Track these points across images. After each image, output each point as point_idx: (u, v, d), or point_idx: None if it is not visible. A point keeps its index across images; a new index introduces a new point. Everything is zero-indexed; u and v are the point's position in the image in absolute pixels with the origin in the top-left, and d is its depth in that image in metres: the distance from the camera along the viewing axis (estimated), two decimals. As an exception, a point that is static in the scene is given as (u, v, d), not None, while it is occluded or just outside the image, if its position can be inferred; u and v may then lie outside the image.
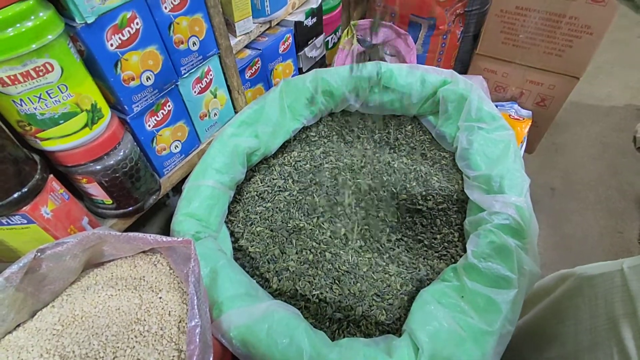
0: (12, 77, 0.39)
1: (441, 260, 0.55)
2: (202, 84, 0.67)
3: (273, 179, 0.69)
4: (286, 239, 0.59)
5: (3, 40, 0.37)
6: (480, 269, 0.44)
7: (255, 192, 0.67)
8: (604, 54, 1.84)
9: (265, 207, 0.64)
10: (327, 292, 0.52)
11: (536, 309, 0.50)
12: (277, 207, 0.64)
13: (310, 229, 0.60)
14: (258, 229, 0.61)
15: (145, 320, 0.39)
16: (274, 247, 0.58)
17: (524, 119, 1.10)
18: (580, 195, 1.20)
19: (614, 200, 1.17)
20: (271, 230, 0.60)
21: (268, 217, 0.63)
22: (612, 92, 1.57)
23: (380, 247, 0.58)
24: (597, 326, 0.40)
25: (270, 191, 0.67)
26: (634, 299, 0.36)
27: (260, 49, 0.78)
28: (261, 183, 0.69)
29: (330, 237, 0.58)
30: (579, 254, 1.05)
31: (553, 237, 1.09)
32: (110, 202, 0.55)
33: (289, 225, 0.61)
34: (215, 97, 0.71)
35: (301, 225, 0.60)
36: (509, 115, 1.10)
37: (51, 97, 0.43)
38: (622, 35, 1.95)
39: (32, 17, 0.39)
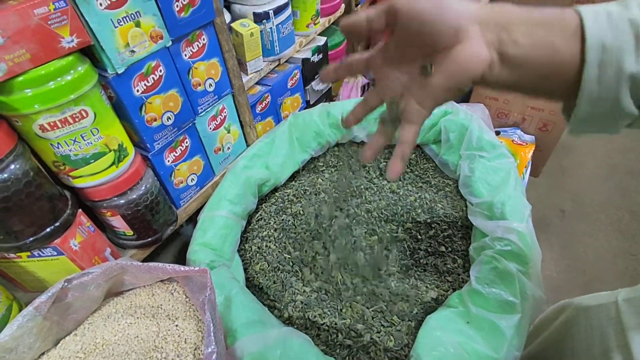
0: (51, 124, 0.44)
1: (447, 286, 0.56)
2: (217, 121, 0.71)
3: (279, 208, 0.71)
4: (291, 267, 0.61)
5: (46, 92, 0.42)
6: (484, 294, 0.45)
7: (263, 221, 0.70)
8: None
9: (272, 236, 0.66)
10: (336, 319, 0.53)
11: (539, 339, 0.50)
12: (283, 236, 0.66)
13: (314, 257, 0.61)
14: (262, 259, 0.63)
15: (162, 347, 0.40)
16: (281, 275, 0.60)
17: (527, 143, 1.12)
18: (590, 217, 1.18)
19: (625, 222, 1.16)
20: (278, 262, 0.62)
21: (273, 248, 0.65)
22: (615, 114, 1.58)
23: (387, 275, 0.59)
24: (593, 357, 0.40)
25: (276, 220, 0.69)
26: (625, 331, 0.36)
27: (270, 85, 0.83)
28: (266, 213, 0.71)
29: (334, 264, 0.60)
30: (592, 276, 1.03)
31: (565, 260, 1.08)
32: (131, 233, 0.59)
33: (294, 254, 0.63)
34: (228, 132, 0.75)
35: (307, 254, 0.62)
36: (512, 141, 1.12)
37: (84, 140, 0.47)
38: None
39: (72, 71, 0.44)
